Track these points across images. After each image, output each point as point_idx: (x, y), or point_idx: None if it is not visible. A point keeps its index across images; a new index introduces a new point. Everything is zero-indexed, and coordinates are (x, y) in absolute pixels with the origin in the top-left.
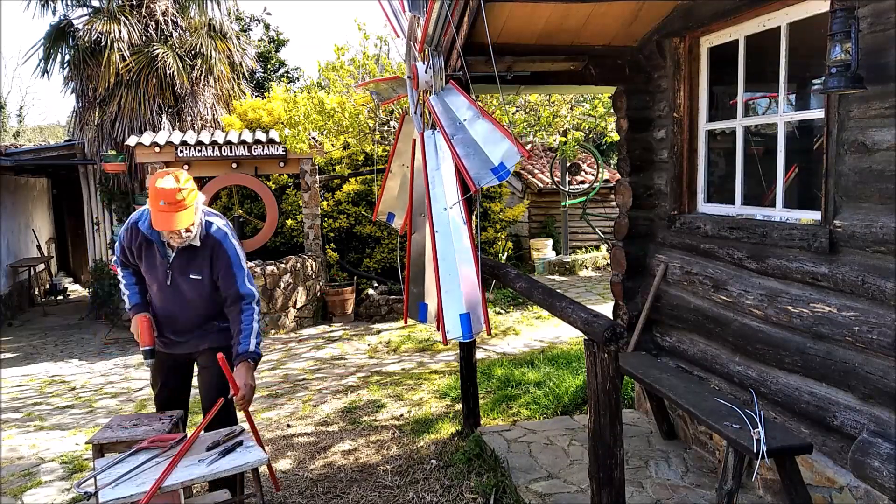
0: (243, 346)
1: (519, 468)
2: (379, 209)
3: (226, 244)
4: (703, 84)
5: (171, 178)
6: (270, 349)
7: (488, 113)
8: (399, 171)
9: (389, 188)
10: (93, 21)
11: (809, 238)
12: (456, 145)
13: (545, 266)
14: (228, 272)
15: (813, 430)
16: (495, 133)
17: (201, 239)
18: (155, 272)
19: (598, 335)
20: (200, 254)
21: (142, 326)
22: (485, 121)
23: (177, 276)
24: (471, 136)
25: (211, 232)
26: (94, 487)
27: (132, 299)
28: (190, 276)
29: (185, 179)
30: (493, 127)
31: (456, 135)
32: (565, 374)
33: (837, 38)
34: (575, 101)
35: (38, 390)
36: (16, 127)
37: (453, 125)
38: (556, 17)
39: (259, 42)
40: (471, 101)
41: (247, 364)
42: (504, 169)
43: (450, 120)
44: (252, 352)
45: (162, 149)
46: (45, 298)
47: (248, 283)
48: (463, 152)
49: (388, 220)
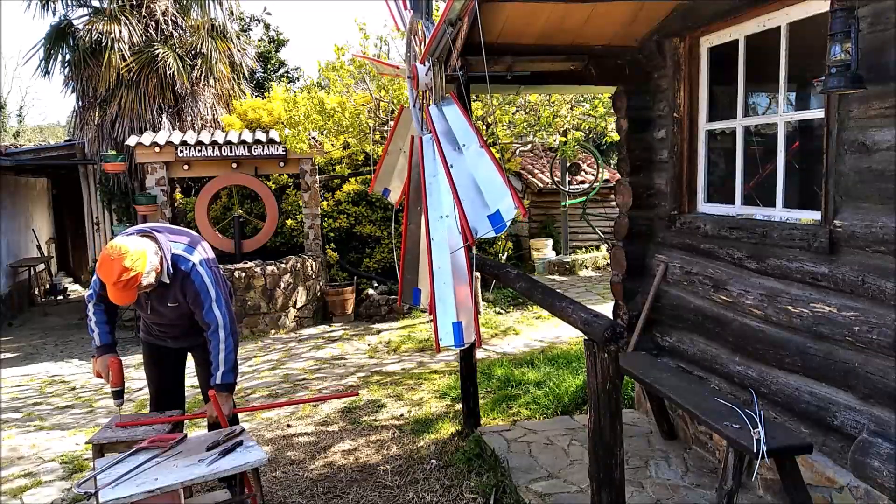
0: (213, 380)
1: (519, 468)
2: (375, 184)
3: (193, 275)
4: (703, 84)
5: (113, 264)
6: (270, 349)
7: (486, 142)
8: (396, 152)
9: (387, 164)
10: (93, 21)
11: (809, 238)
12: (456, 181)
13: (545, 266)
14: (196, 301)
15: (813, 430)
16: (496, 179)
17: (169, 276)
18: (137, 301)
19: (598, 335)
20: (172, 287)
21: (112, 368)
22: (485, 156)
23: (156, 306)
24: (470, 175)
25: (179, 266)
26: (94, 487)
27: (102, 338)
28: (168, 304)
29: (128, 257)
30: (493, 168)
31: (455, 165)
32: (565, 374)
33: (837, 38)
34: (575, 101)
35: (38, 390)
36: (16, 127)
37: (453, 149)
38: (555, 17)
39: (259, 42)
40: (469, 121)
41: (219, 396)
42: (501, 221)
43: (449, 144)
44: (220, 384)
45: (162, 149)
46: (45, 298)
47: (213, 310)
48: (462, 194)
49: (384, 194)
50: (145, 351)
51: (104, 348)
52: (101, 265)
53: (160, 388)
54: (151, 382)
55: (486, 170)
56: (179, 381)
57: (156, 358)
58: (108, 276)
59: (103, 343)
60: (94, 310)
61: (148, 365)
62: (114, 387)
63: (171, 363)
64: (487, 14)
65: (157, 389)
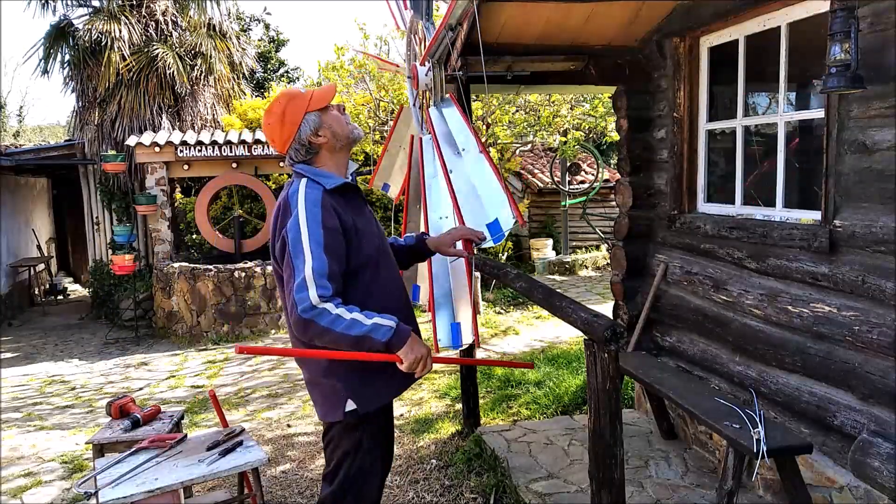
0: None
1: (519, 468)
2: (375, 179)
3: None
4: (703, 84)
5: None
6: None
7: (485, 146)
8: (396, 149)
9: (387, 161)
10: (93, 21)
11: (809, 238)
12: (455, 188)
13: (545, 266)
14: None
15: (813, 430)
16: (495, 187)
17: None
18: (372, 236)
19: (598, 335)
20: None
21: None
22: (484, 162)
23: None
24: (469, 181)
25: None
26: (94, 487)
27: (386, 317)
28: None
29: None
30: (492, 175)
31: (454, 170)
32: (565, 374)
33: (837, 38)
34: (575, 101)
35: (38, 390)
36: (16, 127)
37: (452, 153)
38: (555, 17)
39: (259, 42)
40: (468, 124)
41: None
42: (500, 231)
43: (449, 147)
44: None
45: (162, 148)
46: (45, 298)
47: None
48: (462, 201)
49: (384, 190)
50: None
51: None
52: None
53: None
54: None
55: (485, 176)
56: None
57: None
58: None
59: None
60: (344, 307)
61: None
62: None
63: None
64: (487, 14)
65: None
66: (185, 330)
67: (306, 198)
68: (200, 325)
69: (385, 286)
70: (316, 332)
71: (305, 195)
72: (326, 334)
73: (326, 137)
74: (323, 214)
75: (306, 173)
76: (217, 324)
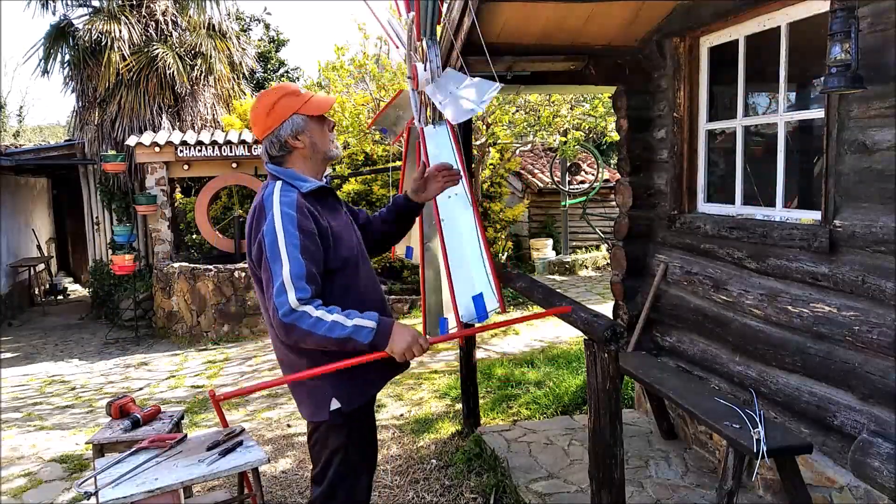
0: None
1: (519, 468)
2: (374, 123)
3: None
4: (703, 84)
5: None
6: (270, 349)
7: (472, 185)
8: (394, 112)
9: (387, 114)
10: (93, 21)
11: (809, 238)
12: (447, 244)
13: (545, 266)
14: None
15: (813, 430)
16: (480, 255)
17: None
18: (350, 238)
19: (598, 335)
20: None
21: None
22: (472, 219)
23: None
24: (459, 237)
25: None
26: (94, 487)
27: (367, 316)
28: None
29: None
30: (478, 237)
31: (445, 219)
32: (565, 374)
33: (837, 38)
34: (575, 101)
35: (38, 390)
36: (16, 127)
37: (444, 195)
38: (556, 17)
39: (259, 42)
40: (460, 156)
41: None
42: (484, 311)
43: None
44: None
45: (162, 148)
46: (45, 298)
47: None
48: (452, 263)
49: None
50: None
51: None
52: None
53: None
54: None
55: (472, 237)
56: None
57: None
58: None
59: (369, 318)
60: (314, 305)
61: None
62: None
63: None
64: (487, 14)
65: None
66: (185, 330)
67: (281, 201)
68: (200, 325)
69: (362, 287)
70: (299, 336)
71: (281, 198)
72: (309, 337)
73: (304, 144)
74: (298, 217)
75: (281, 175)
76: (217, 324)
